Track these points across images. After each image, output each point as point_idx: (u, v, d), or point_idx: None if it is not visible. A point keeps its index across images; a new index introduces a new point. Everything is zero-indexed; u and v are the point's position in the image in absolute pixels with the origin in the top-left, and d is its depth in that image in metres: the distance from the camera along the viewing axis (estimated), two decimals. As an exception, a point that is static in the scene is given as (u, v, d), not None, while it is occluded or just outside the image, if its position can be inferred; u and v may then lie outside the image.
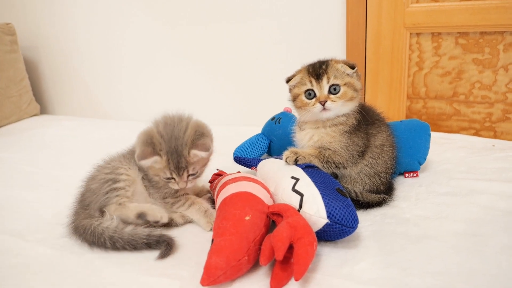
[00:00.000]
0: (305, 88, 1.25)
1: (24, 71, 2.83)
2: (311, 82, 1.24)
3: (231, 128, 2.24)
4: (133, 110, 2.86)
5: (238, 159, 1.58)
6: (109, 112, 2.94)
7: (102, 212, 1.20)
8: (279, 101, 1.94)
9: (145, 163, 1.17)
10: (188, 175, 1.21)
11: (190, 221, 1.26)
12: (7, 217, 1.40)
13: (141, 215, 1.18)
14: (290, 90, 1.33)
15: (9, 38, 2.73)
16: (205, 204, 1.26)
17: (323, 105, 1.21)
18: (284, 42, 2.29)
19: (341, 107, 1.23)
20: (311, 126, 1.29)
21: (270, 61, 2.36)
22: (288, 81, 1.30)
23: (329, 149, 1.24)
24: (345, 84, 1.22)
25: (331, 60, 1.26)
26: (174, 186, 1.23)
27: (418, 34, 2.03)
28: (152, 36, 2.62)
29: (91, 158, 1.34)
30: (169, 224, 1.24)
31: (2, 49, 2.67)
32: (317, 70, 1.23)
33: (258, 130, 1.83)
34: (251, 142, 1.76)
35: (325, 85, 1.22)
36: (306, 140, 1.29)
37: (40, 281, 1.04)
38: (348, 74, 1.23)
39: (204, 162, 1.27)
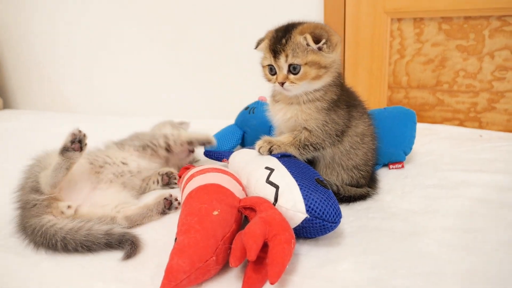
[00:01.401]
0: (266, 62, 1.10)
1: (-16, 64, 2.65)
2: (270, 57, 1.08)
3: (203, 121, 2.12)
4: (98, 104, 2.71)
5: (208, 153, 1.45)
6: (74, 106, 2.80)
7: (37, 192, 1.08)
8: (253, 92, 1.83)
9: None
10: None
11: (136, 224, 1.10)
12: None
13: (62, 149, 1.06)
14: None
15: (-32, 27, 2.54)
16: None
17: (282, 86, 1.07)
18: (257, 27, 2.16)
19: (305, 86, 1.07)
20: (285, 101, 1.15)
21: (242, 48, 2.24)
22: (256, 46, 1.15)
23: (305, 128, 1.11)
24: (306, 63, 1.04)
25: (295, 30, 1.05)
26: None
27: (399, 20, 1.94)
28: (119, 28, 2.48)
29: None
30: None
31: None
32: (276, 44, 1.06)
33: (231, 123, 1.70)
34: (223, 134, 1.64)
35: (283, 64, 1.06)
36: (280, 116, 1.15)
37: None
38: (312, 50, 1.04)
39: None
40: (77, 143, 1.07)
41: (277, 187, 0.96)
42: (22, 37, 2.74)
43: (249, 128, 1.58)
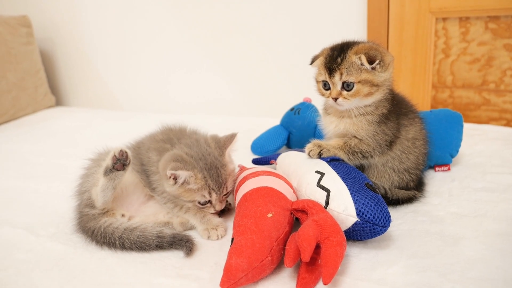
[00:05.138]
0: (321, 78, 1.15)
1: (40, 63, 2.79)
2: (325, 74, 1.13)
3: (248, 119, 2.17)
4: (146, 101, 2.81)
5: (256, 161, 1.49)
6: (123, 103, 2.90)
7: (93, 208, 1.13)
8: (298, 91, 1.86)
9: (180, 175, 1.05)
10: (225, 194, 1.14)
11: (191, 228, 1.15)
12: (19, 210, 1.35)
13: (105, 170, 1.08)
14: None
15: (25, 30, 2.69)
16: (202, 210, 1.15)
17: (335, 101, 1.12)
18: (302, 28, 2.20)
19: (357, 102, 1.12)
20: (336, 114, 1.20)
21: (287, 49, 2.27)
22: (312, 62, 1.19)
23: (355, 137, 1.15)
24: (359, 82, 1.09)
25: (350, 50, 1.10)
26: (210, 210, 1.14)
27: (444, 19, 1.92)
28: (166, 28, 2.55)
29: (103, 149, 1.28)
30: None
31: (18, 41, 2.63)
32: (332, 62, 1.11)
33: (276, 121, 1.75)
34: (269, 134, 1.68)
35: (337, 81, 1.11)
36: (331, 127, 1.20)
37: (49, 279, 0.98)
38: (366, 69, 1.09)
39: (234, 175, 1.19)
40: (119, 163, 1.08)
41: (328, 191, 1.00)
42: (74, 37, 2.86)
43: (295, 128, 1.62)
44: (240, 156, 1.56)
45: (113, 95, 2.91)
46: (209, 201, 1.12)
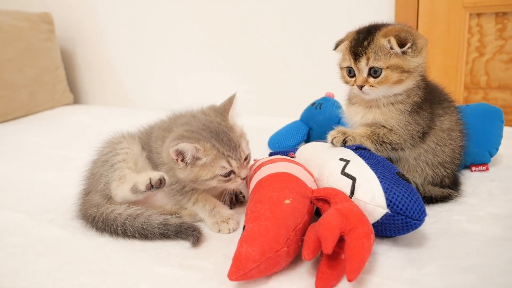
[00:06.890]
0: (345, 64, 1.05)
1: (59, 60, 2.78)
2: (350, 59, 1.03)
3: (266, 118, 2.07)
4: (161, 100, 2.77)
5: (273, 154, 1.39)
6: (139, 103, 2.87)
7: (107, 198, 1.05)
8: (317, 89, 1.76)
9: (184, 150, 0.94)
10: (245, 159, 1.02)
11: (200, 220, 1.05)
12: (21, 196, 1.30)
13: (134, 188, 0.99)
14: None
15: (46, 26, 2.68)
16: (211, 201, 1.06)
17: (360, 89, 1.02)
18: (321, 24, 2.11)
19: (385, 90, 1.01)
20: (363, 104, 1.09)
21: (305, 47, 2.18)
22: (335, 47, 1.10)
23: (384, 126, 1.04)
24: (388, 67, 0.98)
25: (379, 32, 0.99)
26: (237, 180, 1.01)
27: (479, 15, 1.80)
28: (180, 28, 2.53)
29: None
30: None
31: (39, 37, 2.62)
32: (357, 46, 1.01)
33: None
34: (288, 130, 1.58)
35: (364, 67, 1.00)
36: (357, 118, 1.09)
37: (41, 263, 0.91)
38: (396, 53, 0.98)
39: (245, 137, 1.09)
40: (154, 189, 0.98)
41: (354, 179, 0.89)
42: (94, 36, 2.86)
43: (315, 124, 1.51)
44: (257, 153, 1.46)
45: (130, 95, 2.89)
46: (231, 171, 0.99)
